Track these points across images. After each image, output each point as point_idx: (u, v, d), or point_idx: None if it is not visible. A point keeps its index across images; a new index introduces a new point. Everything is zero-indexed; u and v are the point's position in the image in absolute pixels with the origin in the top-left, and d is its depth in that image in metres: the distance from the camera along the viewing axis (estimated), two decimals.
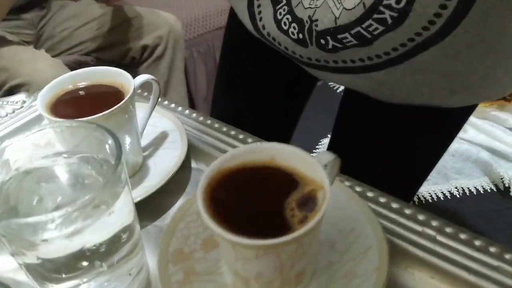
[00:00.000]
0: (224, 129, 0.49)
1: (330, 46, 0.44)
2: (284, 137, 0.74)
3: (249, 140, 0.48)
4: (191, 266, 0.38)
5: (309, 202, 0.33)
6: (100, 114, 0.40)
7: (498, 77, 0.47)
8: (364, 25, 0.41)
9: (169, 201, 0.42)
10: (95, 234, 0.30)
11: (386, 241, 0.38)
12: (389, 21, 0.40)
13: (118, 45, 1.39)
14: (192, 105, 1.60)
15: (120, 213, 0.31)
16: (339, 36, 0.43)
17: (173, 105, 0.53)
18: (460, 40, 0.41)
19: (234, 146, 0.46)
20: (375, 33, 0.41)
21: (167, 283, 0.36)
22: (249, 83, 0.69)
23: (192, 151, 0.45)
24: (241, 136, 0.48)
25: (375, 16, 0.40)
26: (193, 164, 0.44)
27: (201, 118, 0.50)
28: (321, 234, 0.35)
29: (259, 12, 0.49)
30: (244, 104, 0.70)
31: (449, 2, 0.38)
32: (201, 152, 0.45)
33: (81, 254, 0.30)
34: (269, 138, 0.43)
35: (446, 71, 0.45)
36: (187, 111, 0.53)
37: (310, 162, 0.34)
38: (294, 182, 0.34)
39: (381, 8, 0.40)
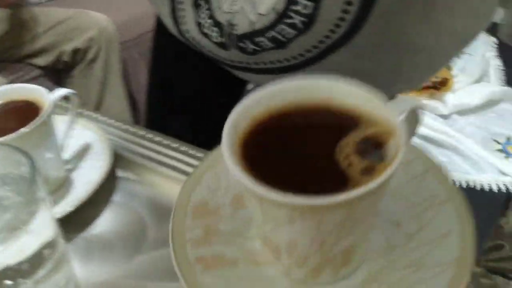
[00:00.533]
0: (149, 135, 0.48)
1: (249, 49, 0.47)
2: (218, 138, 0.77)
3: (175, 145, 0.47)
4: (215, 223, 0.30)
5: (374, 149, 0.24)
6: (15, 133, 0.39)
7: (406, 73, 0.50)
8: (277, 30, 0.44)
9: (96, 212, 0.41)
10: (16, 254, 0.30)
11: (473, 226, 0.28)
12: (299, 25, 0.42)
13: (48, 50, 1.33)
14: (134, 106, 1.53)
15: (40, 231, 0.31)
16: (256, 40, 0.45)
17: (96, 115, 0.53)
18: (365, 41, 0.43)
19: (160, 153, 0.46)
20: (288, 36, 0.44)
21: (180, 240, 0.29)
22: (178, 87, 0.70)
23: (118, 160, 0.46)
24: (165, 142, 0.48)
25: (286, 21, 0.43)
26: (120, 173, 0.44)
27: (124, 127, 0.50)
28: (381, 203, 0.26)
29: (182, 17, 0.50)
30: (175, 108, 0.71)
31: (351, 7, 0.40)
32: (126, 161, 0.46)
33: (3, 275, 0.30)
34: (205, 142, 0.43)
35: (357, 70, 0.47)
36: (110, 121, 0.52)
37: (382, 105, 0.25)
38: (355, 124, 0.25)
39: (291, 14, 0.42)
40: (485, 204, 1.20)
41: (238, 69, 0.53)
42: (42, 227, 0.30)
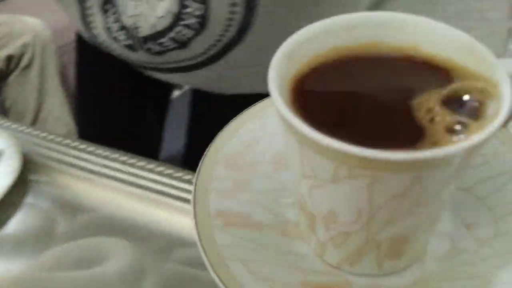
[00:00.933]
0: (58, 139, 0.50)
1: (155, 50, 0.50)
2: (151, 145, 0.77)
3: (82, 146, 0.48)
4: (247, 179, 0.26)
5: (465, 106, 0.18)
6: None
7: None
8: (176, 31, 0.47)
9: (9, 214, 0.43)
10: None
11: None
12: (195, 26, 0.46)
13: None
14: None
15: None
16: (160, 41, 0.48)
17: (8, 123, 0.55)
18: (258, 38, 0.47)
19: (69, 155, 0.47)
20: (188, 36, 0.47)
21: (203, 189, 0.25)
22: (102, 93, 0.72)
23: (29, 164, 0.47)
24: (73, 144, 0.49)
25: (182, 22, 0.46)
26: (31, 177, 0.47)
27: (35, 132, 0.52)
28: (453, 188, 0.20)
29: (92, 22, 0.53)
30: (100, 115, 0.73)
31: (237, 8, 0.44)
32: (37, 164, 0.48)
33: None
34: (133, 149, 0.46)
35: (259, 63, 0.48)
36: (22, 128, 0.54)
37: (485, 60, 0.19)
38: (445, 76, 0.20)
39: (185, 16, 0.45)
40: None
41: (150, 70, 0.56)
42: None
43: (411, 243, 0.22)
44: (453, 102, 0.18)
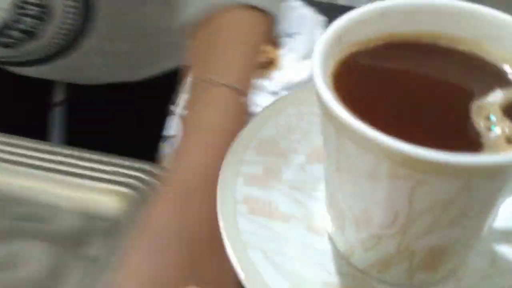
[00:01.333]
0: None
1: (6, 43, 0.50)
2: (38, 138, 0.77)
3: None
4: (278, 167, 0.25)
5: None
6: None
7: (164, 52, 0.58)
8: (23, 22, 0.47)
9: None
10: None
11: None
12: (40, 15, 0.46)
13: None
14: None
15: None
16: (10, 34, 0.48)
17: None
18: (108, 26, 0.50)
19: None
20: (36, 27, 0.48)
21: (232, 172, 0.24)
22: None
23: None
24: None
25: (27, 12, 0.46)
26: None
27: None
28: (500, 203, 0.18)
29: None
30: None
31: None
32: None
33: None
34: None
35: (117, 51, 0.55)
36: None
37: None
38: (509, 78, 0.18)
39: (28, 6, 0.46)
40: None
41: (8, 65, 0.56)
42: None
43: (449, 255, 0.20)
44: None
